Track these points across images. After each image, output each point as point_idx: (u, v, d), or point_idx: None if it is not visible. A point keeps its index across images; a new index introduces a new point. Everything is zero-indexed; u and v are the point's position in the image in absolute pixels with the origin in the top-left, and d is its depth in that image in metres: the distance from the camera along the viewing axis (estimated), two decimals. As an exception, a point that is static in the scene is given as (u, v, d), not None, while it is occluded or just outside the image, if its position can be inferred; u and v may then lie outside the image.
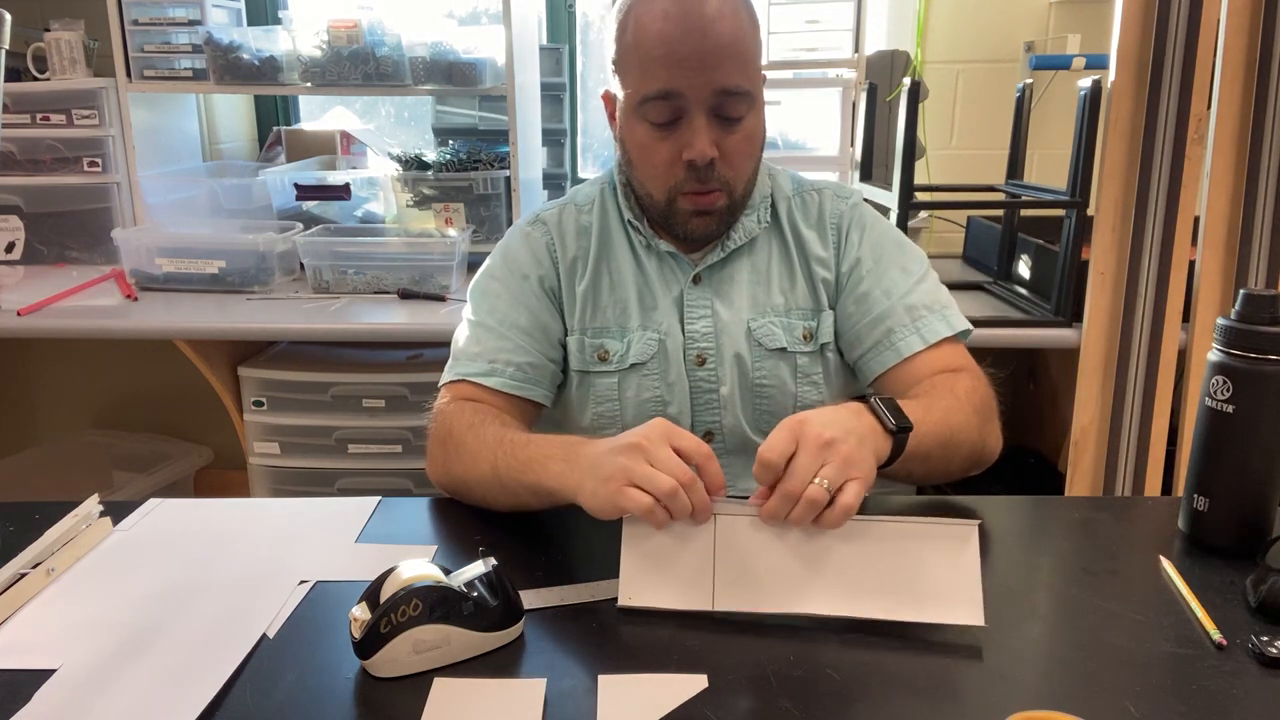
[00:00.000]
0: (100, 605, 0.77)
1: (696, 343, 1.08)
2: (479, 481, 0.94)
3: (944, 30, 2.30)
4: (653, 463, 0.76)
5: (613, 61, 1.03)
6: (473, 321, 1.09)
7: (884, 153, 2.08)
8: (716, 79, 0.95)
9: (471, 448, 0.95)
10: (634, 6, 0.98)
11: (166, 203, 2.22)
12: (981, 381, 1.02)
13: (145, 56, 2.10)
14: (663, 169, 1.01)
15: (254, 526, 0.92)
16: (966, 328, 1.07)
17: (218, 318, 1.85)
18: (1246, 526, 0.83)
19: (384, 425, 1.98)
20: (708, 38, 0.94)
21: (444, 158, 2.14)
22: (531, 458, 0.88)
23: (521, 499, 0.91)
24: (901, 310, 1.05)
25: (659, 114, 0.98)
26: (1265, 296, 0.79)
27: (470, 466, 0.94)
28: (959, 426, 0.94)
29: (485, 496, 0.94)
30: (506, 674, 0.68)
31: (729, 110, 0.98)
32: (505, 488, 0.91)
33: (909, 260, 1.09)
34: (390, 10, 2.08)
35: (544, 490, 0.87)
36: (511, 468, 0.90)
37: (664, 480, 0.75)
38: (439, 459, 0.99)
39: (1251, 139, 1.69)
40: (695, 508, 0.76)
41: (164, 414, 2.58)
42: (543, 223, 1.13)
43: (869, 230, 1.11)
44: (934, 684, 0.66)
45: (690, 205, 1.02)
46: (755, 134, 1.02)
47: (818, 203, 1.12)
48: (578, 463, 0.83)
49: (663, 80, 0.96)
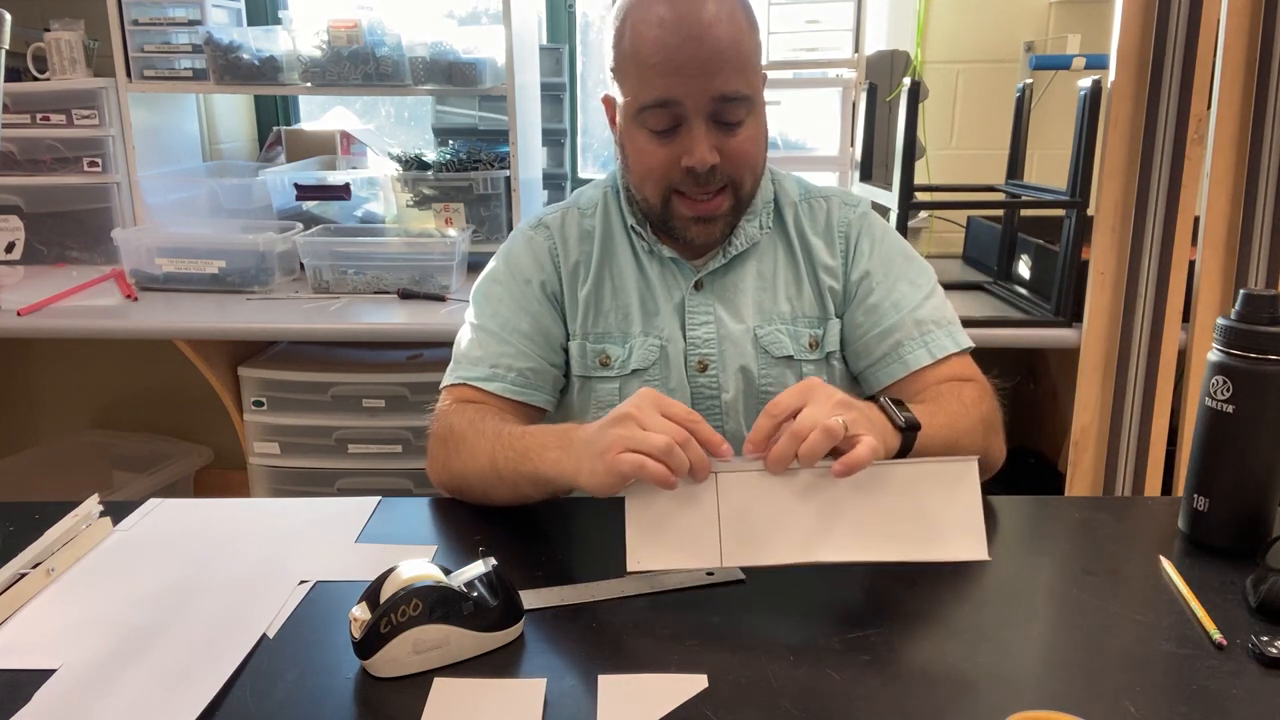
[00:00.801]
0: (100, 605, 0.77)
1: (698, 349, 1.08)
2: (478, 475, 0.94)
3: (944, 30, 2.30)
4: (644, 428, 0.77)
5: (611, 69, 1.02)
6: (475, 325, 1.09)
7: (884, 153, 2.08)
8: (714, 85, 0.95)
9: (471, 443, 0.95)
10: (631, 13, 0.98)
11: (166, 203, 2.22)
12: (988, 393, 1.02)
13: (145, 56, 2.10)
14: (658, 171, 1.00)
15: (254, 526, 0.92)
16: (971, 346, 1.07)
17: (218, 318, 1.85)
18: (1246, 526, 0.83)
19: (384, 425, 1.98)
20: (704, 44, 0.93)
21: (444, 158, 2.15)
22: (529, 448, 0.89)
23: (521, 490, 0.91)
24: (910, 324, 1.05)
25: (658, 121, 0.97)
26: (1265, 296, 0.79)
27: (469, 461, 0.94)
28: (964, 432, 0.94)
29: (486, 491, 0.95)
30: (506, 674, 0.68)
31: (728, 115, 0.97)
32: (504, 479, 0.91)
33: (917, 274, 1.09)
34: (390, 10, 2.08)
35: (542, 479, 0.88)
36: (509, 459, 0.90)
37: (657, 438, 0.76)
38: (439, 458, 0.99)
39: (1251, 139, 1.69)
40: (693, 464, 0.76)
41: (164, 414, 2.58)
42: (545, 226, 1.12)
43: (879, 242, 1.10)
44: (934, 684, 0.66)
45: (690, 211, 1.01)
46: (757, 137, 1.01)
47: (825, 210, 1.12)
48: (572, 447, 0.84)
49: (660, 89, 0.95)
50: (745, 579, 0.80)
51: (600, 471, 0.78)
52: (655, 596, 0.78)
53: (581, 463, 0.82)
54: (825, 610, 0.76)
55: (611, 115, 1.07)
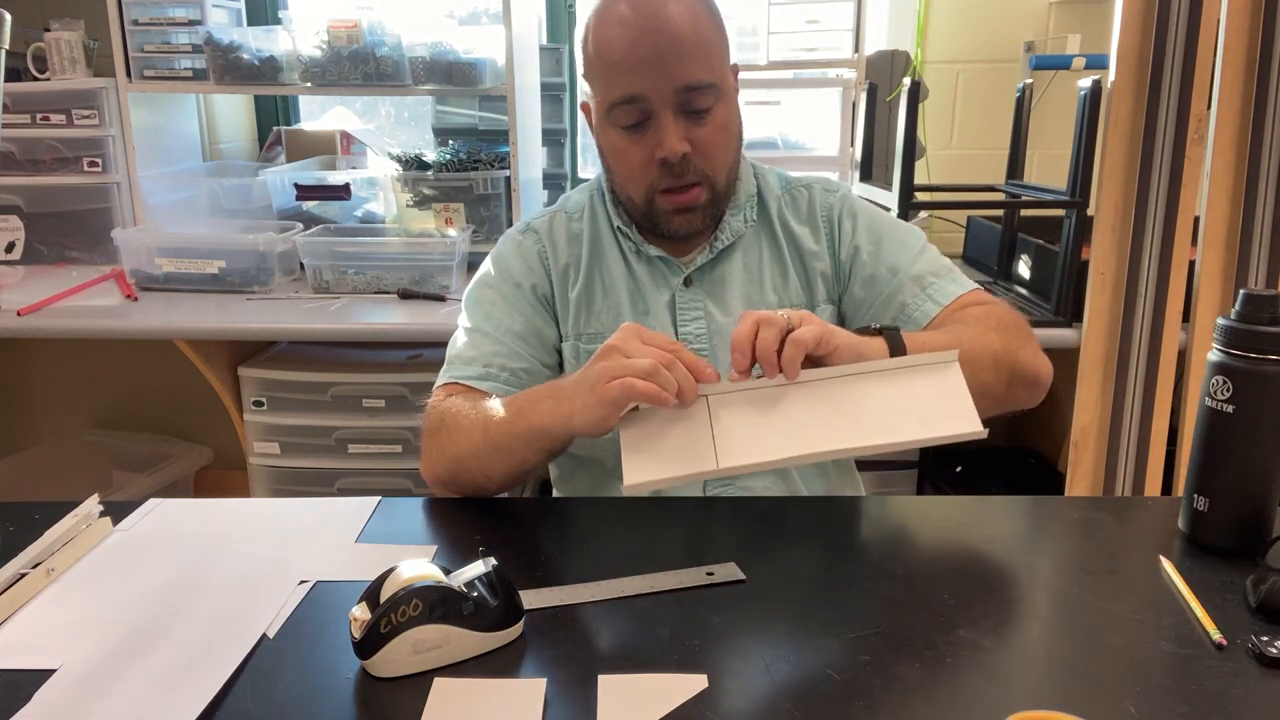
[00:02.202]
0: (100, 605, 0.77)
1: (690, 345, 1.08)
2: (472, 451, 0.94)
3: (944, 30, 2.30)
4: (628, 355, 0.81)
5: (583, 74, 1.06)
6: (468, 329, 1.09)
7: (884, 153, 2.08)
8: (677, 76, 0.97)
9: (462, 423, 0.96)
10: (594, 16, 1.01)
11: (166, 203, 2.22)
12: (1000, 304, 1.04)
13: (145, 56, 2.10)
14: (638, 171, 1.02)
15: (254, 526, 0.92)
16: (976, 286, 1.08)
17: (218, 318, 1.85)
18: (1246, 526, 0.83)
19: (384, 425, 1.98)
20: (663, 35, 0.96)
21: (444, 158, 2.15)
22: (520, 407, 0.91)
23: (517, 455, 0.92)
24: (910, 282, 1.06)
25: (627, 117, 1.00)
26: (1265, 296, 0.79)
27: (463, 439, 0.95)
28: (970, 337, 0.94)
29: (483, 467, 0.95)
30: (506, 674, 0.68)
31: (695, 104, 0.99)
32: (499, 447, 0.92)
33: (905, 235, 1.11)
34: (390, 10, 2.08)
35: (538, 432, 0.89)
36: (502, 424, 0.92)
37: (642, 362, 0.79)
38: (433, 449, 0.99)
39: (1251, 139, 1.69)
40: (680, 385, 0.79)
41: (164, 414, 2.58)
42: (534, 231, 1.14)
43: (860, 216, 1.12)
44: (934, 684, 0.66)
45: (669, 204, 1.03)
46: (728, 124, 1.03)
47: (807, 198, 1.14)
48: (563, 392, 0.87)
49: (625, 85, 0.98)
50: (745, 579, 0.80)
51: (592, 405, 0.81)
52: (655, 596, 0.78)
53: (574, 402, 0.84)
54: (825, 610, 0.76)
55: (590, 120, 1.10)
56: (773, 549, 0.85)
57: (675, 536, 0.89)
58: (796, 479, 1.09)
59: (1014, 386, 0.98)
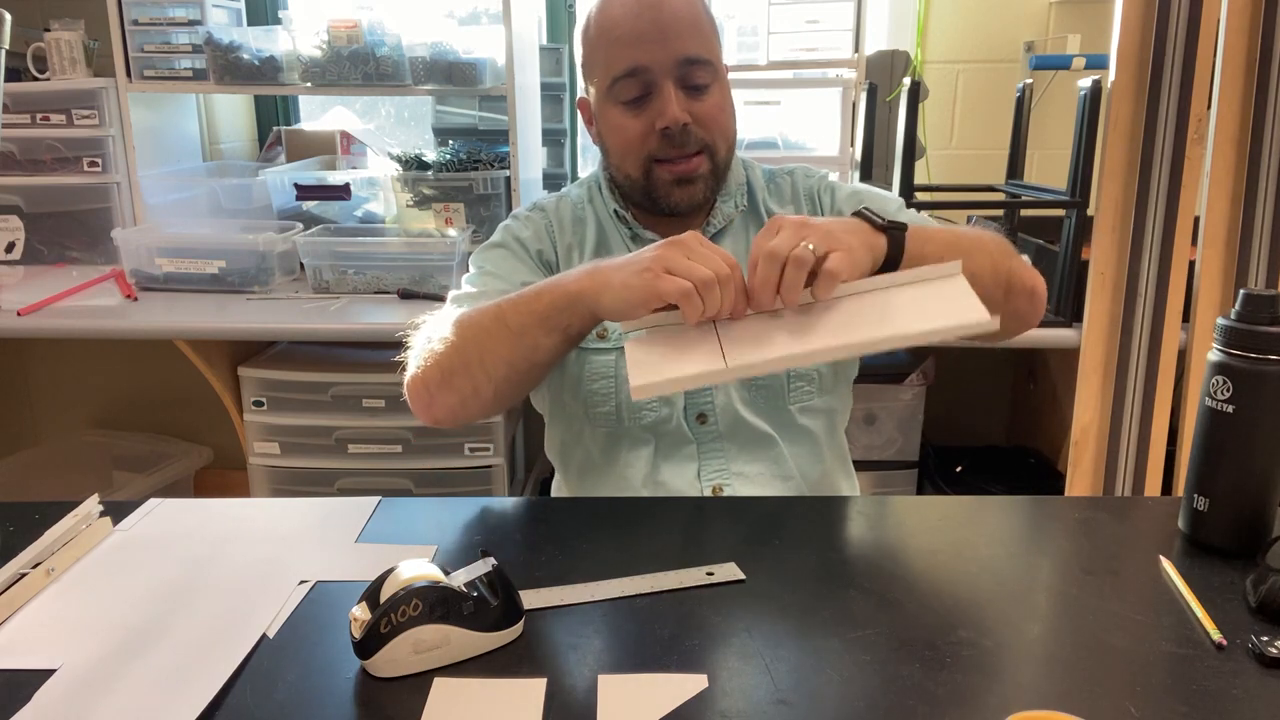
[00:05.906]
0: (100, 605, 0.77)
1: None
2: (476, 338, 0.93)
3: (944, 30, 2.30)
4: (690, 258, 0.80)
5: (582, 65, 1.09)
6: (473, 274, 1.11)
7: (884, 153, 2.08)
8: (677, 48, 1.01)
9: (466, 318, 0.95)
10: (594, 5, 1.06)
11: (166, 203, 2.22)
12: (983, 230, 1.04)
13: (145, 56, 2.10)
14: (637, 144, 1.05)
15: (254, 526, 0.92)
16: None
17: (218, 318, 1.85)
18: (1246, 526, 0.83)
19: (384, 425, 1.98)
20: (663, 11, 1.01)
21: (444, 158, 2.15)
22: (544, 286, 0.91)
23: (529, 338, 0.91)
24: None
25: (628, 91, 1.03)
26: (1265, 296, 0.79)
27: (465, 328, 0.94)
28: (965, 238, 0.95)
29: (483, 357, 0.93)
30: (506, 674, 0.68)
31: (694, 78, 1.03)
32: (510, 329, 0.91)
33: (885, 198, 1.15)
34: (390, 10, 2.08)
35: (562, 303, 0.88)
36: (520, 302, 0.91)
37: (702, 269, 0.78)
38: (424, 350, 0.98)
39: (1251, 139, 1.69)
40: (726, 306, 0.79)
41: (164, 414, 2.58)
42: (541, 209, 1.17)
43: (840, 188, 1.16)
44: (934, 684, 0.66)
45: (670, 174, 1.05)
46: (724, 105, 1.07)
47: (790, 183, 1.18)
48: (601, 269, 0.87)
49: (627, 58, 1.02)
50: (745, 579, 0.80)
51: (636, 286, 0.80)
52: (655, 596, 0.78)
53: (612, 279, 0.84)
54: (825, 610, 0.76)
55: (588, 116, 1.14)
56: (773, 549, 0.85)
57: (675, 536, 0.89)
58: (790, 464, 1.09)
59: (1012, 296, 0.98)
